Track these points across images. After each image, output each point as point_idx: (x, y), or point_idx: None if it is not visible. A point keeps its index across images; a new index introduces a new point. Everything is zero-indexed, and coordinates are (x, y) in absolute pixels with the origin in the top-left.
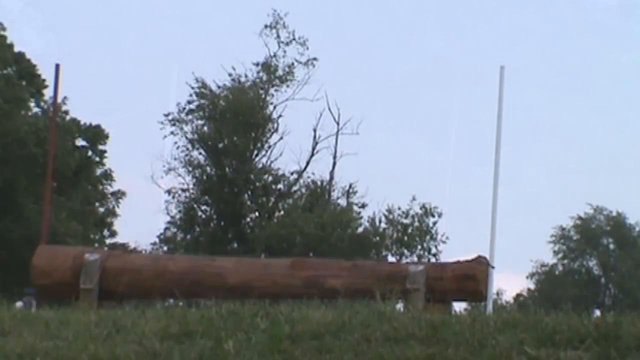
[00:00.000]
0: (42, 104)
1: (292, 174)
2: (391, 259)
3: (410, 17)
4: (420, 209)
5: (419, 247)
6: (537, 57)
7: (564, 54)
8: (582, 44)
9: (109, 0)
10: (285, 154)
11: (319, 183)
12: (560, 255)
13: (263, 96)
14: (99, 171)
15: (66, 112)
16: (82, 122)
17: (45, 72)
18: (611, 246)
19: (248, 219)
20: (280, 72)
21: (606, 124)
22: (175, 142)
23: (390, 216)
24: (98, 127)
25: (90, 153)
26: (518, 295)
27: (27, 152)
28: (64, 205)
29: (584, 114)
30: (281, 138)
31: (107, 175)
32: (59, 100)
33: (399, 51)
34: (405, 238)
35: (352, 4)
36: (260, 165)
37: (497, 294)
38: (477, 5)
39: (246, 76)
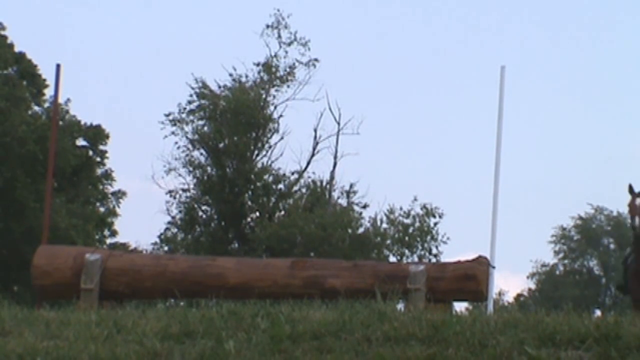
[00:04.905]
0: (43, 104)
1: (292, 174)
2: (392, 259)
3: (410, 18)
4: (421, 209)
5: (420, 247)
6: (537, 57)
7: (564, 54)
8: (582, 44)
9: (109, 0)
10: (286, 154)
11: (319, 183)
12: (560, 255)
13: (264, 96)
14: (99, 171)
15: (66, 112)
16: (82, 122)
17: (46, 72)
18: (612, 246)
19: (249, 219)
20: (281, 73)
21: (606, 124)
22: (176, 142)
23: (392, 216)
24: (98, 127)
25: (90, 153)
26: (519, 295)
27: (27, 150)
28: (64, 204)
29: (585, 114)
30: (282, 138)
31: (108, 175)
32: (62, 101)
33: (400, 51)
34: (406, 238)
35: (353, 4)
36: (260, 165)
37: (499, 294)
38: (477, 5)
39: (247, 76)
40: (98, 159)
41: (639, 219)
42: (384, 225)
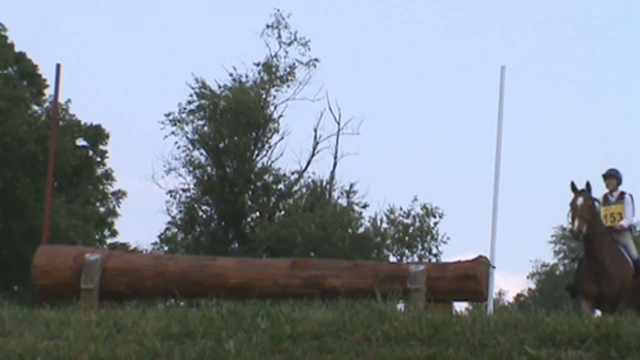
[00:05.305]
0: (43, 104)
1: (292, 173)
2: (392, 259)
3: (410, 18)
4: (422, 209)
5: (420, 247)
6: (537, 57)
7: (564, 54)
8: (582, 44)
9: (109, 0)
10: (286, 154)
11: (319, 183)
12: (560, 256)
13: (264, 96)
14: (99, 171)
15: (66, 111)
16: (82, 122)
17: (46, 72)
18: None
19: (249, 219)
20: (281, 73)
21: (606, 124)
22: (176, 142)
23: (392, 216)
24: (98, 127)
25: (90, 153)
26: (519, 295)
27: (27, 150)
28: (64, 204)
29: (584, 114)
30: (282, 138)
31: (108, 175)
32: (63, 101)
33: (400, 51)
34: (407, 238)
35: (353, 4)
36: (260, 165)
37: (499, 294)
38: (477, 5)
39: (247, 76)
40: (98, 159)
41: (578, 223)
42: (384, 225)
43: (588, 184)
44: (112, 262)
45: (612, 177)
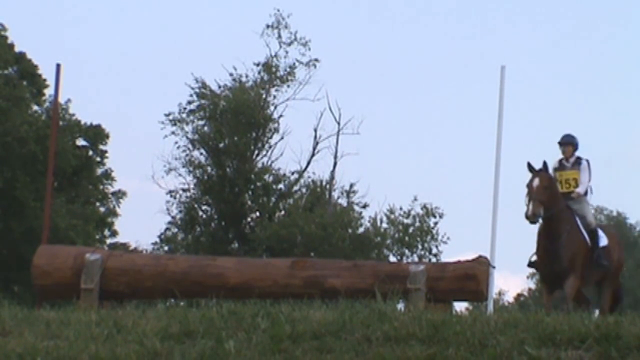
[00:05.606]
0: (43, 104)
1: (292, 173)
2: (392, 259)
3: (410, 18)
4: (422, 209)
5: (420, 247)
6: (537, 57)
7: (564, 54)
8: (583, 44)
9: (109, 0)
10: (286, 153)
11: (319, 183)
12: None
13: (264, 96)
14: (99, 171)
15: (66, 111)
16: (82, 122)
17: (46, 72)
18: None
19: (249, 219)
20: (281, 73)
21: (607, 124)
22: (176, 142)
23: (392, 216)
24: (98, 126)
25: (90, 153)
26: (519, 295)
27: (28, 150)
28: (64, 204)
29: (584, 114)
30: (282, 138)
31: (108, 175)
32: (63, 101)
33: (400, 51)
34: (407, 238)
35: (353, 4)
36: (260, 165)
37: (499, 294)
38: (477, 5)
39: (247, 76)
40: (98, 159)
41: (533, 206)
42: (384, 225)
43: (545, 164)
44: (112, 262)
45: (568, 144)
